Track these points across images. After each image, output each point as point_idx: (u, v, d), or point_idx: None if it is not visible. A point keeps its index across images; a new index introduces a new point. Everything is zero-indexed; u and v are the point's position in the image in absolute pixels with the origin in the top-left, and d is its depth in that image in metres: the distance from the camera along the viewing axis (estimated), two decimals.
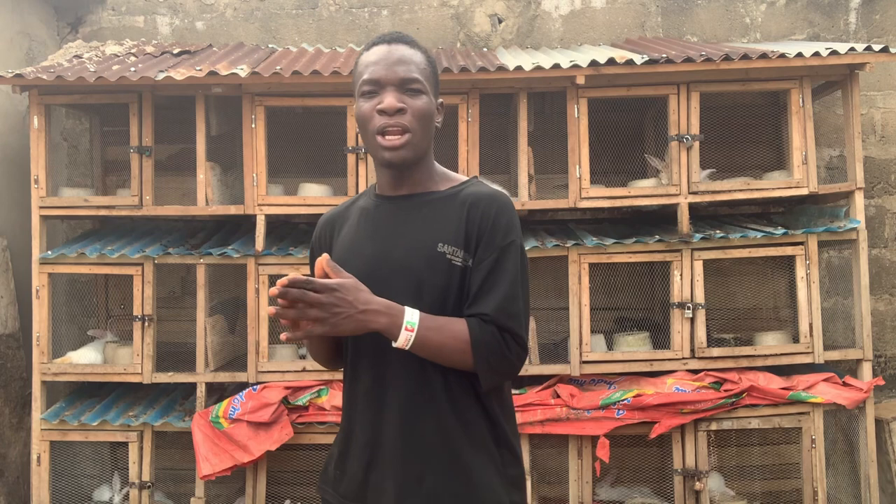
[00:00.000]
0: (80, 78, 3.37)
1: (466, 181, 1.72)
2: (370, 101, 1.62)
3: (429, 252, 1.60)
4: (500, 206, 1.63)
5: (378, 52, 1.64)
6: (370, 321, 1.51)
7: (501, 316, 1.57)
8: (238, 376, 3.51)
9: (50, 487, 3.48)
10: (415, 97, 1.62)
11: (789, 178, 3.54)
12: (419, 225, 1.64)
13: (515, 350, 1.59)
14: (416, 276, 1.60)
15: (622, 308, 3.95)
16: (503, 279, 1.59)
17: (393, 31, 1.69)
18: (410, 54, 1.64)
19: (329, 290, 1.48)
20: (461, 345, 1.55)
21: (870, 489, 3.48)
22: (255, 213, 3.51)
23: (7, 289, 3.79)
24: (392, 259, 1.62)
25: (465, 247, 1.61)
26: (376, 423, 1.62)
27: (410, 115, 1.60)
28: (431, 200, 1.67)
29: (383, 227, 1.67)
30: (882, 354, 4.16)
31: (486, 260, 1.59)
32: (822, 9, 4.29)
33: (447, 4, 4.36)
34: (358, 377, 1.66)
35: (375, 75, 1.61)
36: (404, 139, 1.60)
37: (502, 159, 3.94)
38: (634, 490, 3.73)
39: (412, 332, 1.53)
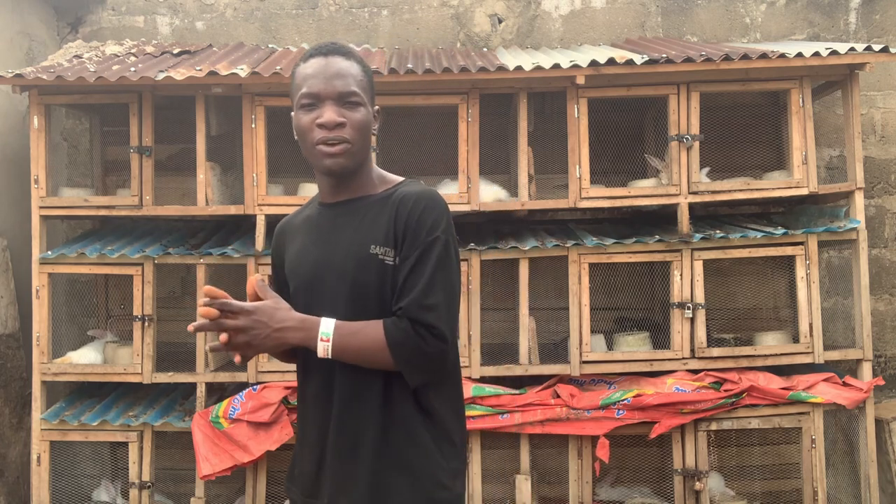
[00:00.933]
0: (80, 78, 3.37)
1: (400, 182, 1.76)
2: (309, 115, 1.66)
3: (362, 254, 1.66)
4: (427, 204, 1.66)
5: (315, 65, 1.67)
6: (286, 338, 1.60)
7: (415, 309, 1.59)
8: (238, 376, 3.51)
9: (50, 487, 3.48)
10: (353, 110, 1.66)
11: (789, 178, 3.54)
12: (355, 229, 1.70)
13: (433, 343, 1.59)
14: (353, 278, 1.65)
15: (622, 308, 3.95)
16: (422, 274, 1.61)
17: (328, 43, 1.72)
18: (347, 67, 1.68)
19: (245, 312, 1.59)
20: (379, 346, 1.60)
21: (870, 489, 3.48)
22: (255, 213, 3.51)
23: (7, 289, 3.79)
24: (331, 263, 1.69)
25: (394, 245, 1.65)
26: (323, 423, 1.68)
27: (350, 128, 1.66)
28: (366, 204, 1.72)
29: (324, 233, 1.73)
30: (882, 354, 4.16)
31: (410, 257, 1.63)
32: (822, 9, 4.29)
33: (447, 4, 4.36)
34: (308, 380, 1.73)
35: (314, 89, 1.65)
36: (344, 147, 1.66)
37: (502, 159, 3.94)
38: (634, 490, 3.73)
39: (328, 343, 1.59)
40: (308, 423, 1.74)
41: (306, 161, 1.74)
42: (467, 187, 3.47)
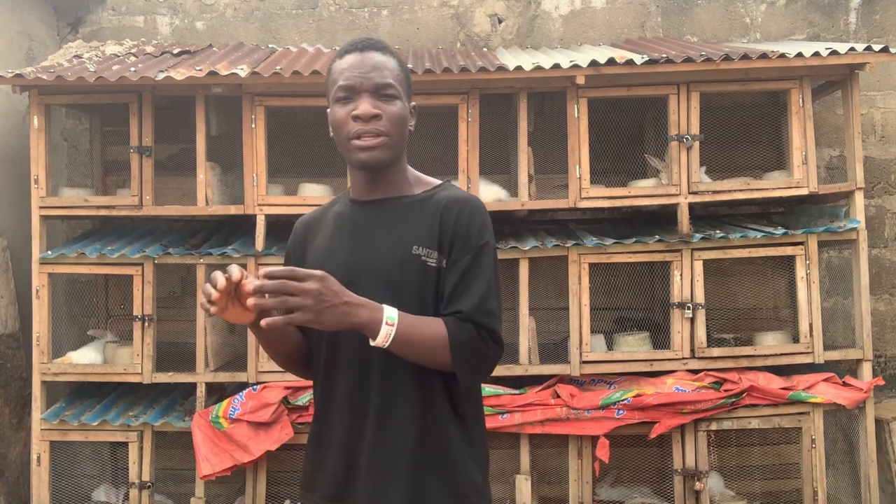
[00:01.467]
0: (80, 78, 3.37)
1: (439, 185, 1.75)
2: (345, 107, 1.64)
3: (403, 255, 1.62)
4: (473, 209, 1.66)
5: (351, 59, 1.65)
6: (352, 314, 1.49)
7: (478, 314, 1.59)
8: (238, 376, 3.51)
9: (50, 487, 3.48)
10: (389, 102, 1.64)
11: (789, 178, 3.54)
12: (393, 228, 1.66)
13: (493, 347, 1.61)
14: (391, 279, 1.62)
15: (622, 308, 3.95)
16: (478, 278, 1.61)
17: (364, 38, 1.71)
18: (384, 60, 1.66)
19: (314, 278, 1.46)
20: (440, 343, 1.57)
21: (870, 489, 3.48)
22: (255, 213, 3.51)
23: (7, 289, 3.79)
24: (367, 263, 1.64)
25: (438, 249, 1.63)
26: (355, 425, 1.63)
27: (386, 120, 1.63)
28: (405, 204, 1.69)
29: (358, 231, 1.69)
30: (882, 354, 4.16)
31: (461, 260, 1.62)
32: (822, 9, 4.29)
33: (447, 4, 4.36)
34: (335, 378, 1.67)
35: (350, 81, 1.63)
36: (378, 140, 1.63)
37: (502, 159, 3.94)
38: (634, 490, 3.73)
39: (392, 328, 1.52)
40: (335, 423, 1.67)
41: (306, 161, 1.73)
42: (467, 187, 3.47)
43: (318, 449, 1.71)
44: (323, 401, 1.71)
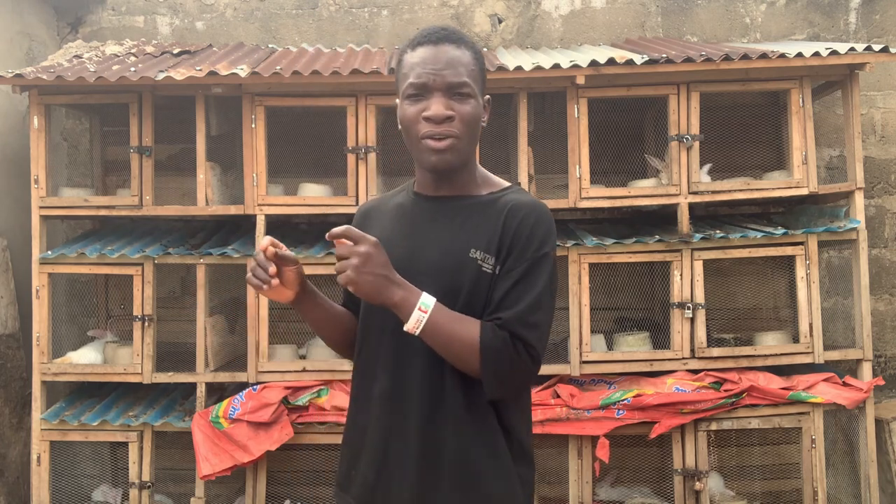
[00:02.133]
0: (80, 78, 3.37)
1: (507, 187, 1.68)
2: (416, 106, 1.57)
3: (460, 256, 1.56)
4: (539, 216, 1.59)
5: (424, 53, 1.58)
6: (388, 289, 1.47)
7: (517, 324, 1.52)
8: (238, 376, 3.51)
9: (50, 487, 3.48)
10: (463, 102, 1.57)
11: (789, 178, 3.54)
12: (454, 228, 1.60)
13: (526, 360, 1.53)
14: (444, 278, 1.56)
15: (622, 308, 3.95)
16: (529, 289, 1.54)
17: (438, 28, 1.62)
18: (459, 55, 1.58)
19: (367, 242, 1.46)
20: (471, 342, 1.50)
21: (870, 489, 3.48)
22: (255, 213, 3.51)
23: (7, 289, 3.79)
24: (422, 259, 1.59)
25: (496, 254, 1.56)
26: (393, 427, 1.58)
27: (459, 122, 1.56)
28: (470, 205, 1.63)
29: (418, 226, 1.64)
30: (882, 354, 4.16)
31: (516, 269, 1.55)
32: (822, 9, 4.29)
33: (447, 4, 4.36)
34: (374, 377, 1.62)
35: (422, 79, 1.56)
36: (450, 143, 1.57)
37: (502, 159, 3.94)
38: (634, 490, 3.73)
39: (425, 314, 1.48)
40: (368, 424, 1.61)
41: (306, 161, 1.71)
42: None
43: (352, 448, 1.66)
44: (360, 400, 1.66)
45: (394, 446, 1.58)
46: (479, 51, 1.64)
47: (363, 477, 1.61)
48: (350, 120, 3.50)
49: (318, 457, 3.73)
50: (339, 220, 1.92)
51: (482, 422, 1.56)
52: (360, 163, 3.49)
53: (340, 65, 3.46)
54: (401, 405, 1.58)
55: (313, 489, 3.72)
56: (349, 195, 3.49)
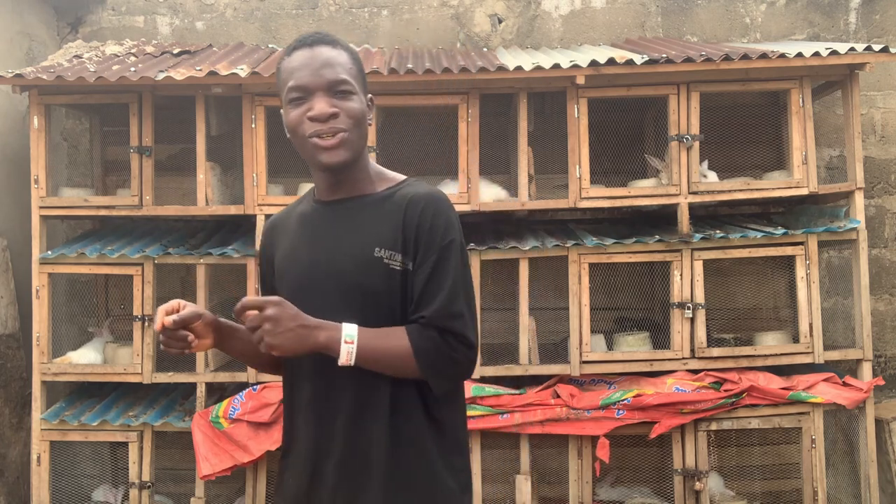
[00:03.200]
0: (80, 78, 3.37)
1: (402, 181, 1.69)
2: (299, 108, 1.58)
3: (366, 257, 1.57)
4: (437, 206, 1.59)
5: (301, 57, 1.59)
6: (309, 336, 1.48)
7: (441, 317, 1.53)
8: (238, 376, 3.51)
9: (50, 487, 3.48)
10: (345, 99, 1.58)
11: (789, 178, 3.54)
12: (356, 229, 1.61)
13: (461, 350, 1.55)
14: (353, 281, 1.56)
15: (622, 308, 3.95)
16: (443, 280, 1.55)
17: (313, 33, 1.63)
18: (335, 55, 1.59)
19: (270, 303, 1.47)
20: (404, 352, 1.52)
21: (870, 489, 3.48)
22: (255, 213, 3.51)
23: (7, 289, 3.79)
24: (329, 265, 1.59)
25: (402, 250, 1.57)
26: (319, 434, 1.59)
27: (344, 117, 1.57)
28: (367, 203, 1.63)
29: (320, 232, 1.64)
30: (882, 354, 4.16)
31: (426, 262, 1.56)
32: (822, 9, 4.29)
33: (447, 4, 4.36)
34: (300, 387, 1.64)
35: (302, 81, 1.57)
36: (339, 138, 1.57)
37: (502, 159, 3.94)
38: (634, 490, 3.73)
39: (352, 345, 1.49)
40: (299, 433, 1.63)
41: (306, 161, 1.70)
42: (467, 187, 3.47)
43: (285, 454, 1.69)
44: (289, 408, 1.69)
45: (322, 451, 1.58)
46: (354, 52, 1.66)
47: (296, 484, 1.62)
48: None
49: None
50: None
51: (409, 418, 1.57)
52: None
53: None
54: (327, 411, 1.59)
55: None
56: None
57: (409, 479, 1.56)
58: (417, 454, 1.57)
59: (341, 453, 1.57)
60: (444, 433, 1.60)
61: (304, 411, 1.62)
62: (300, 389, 1.64)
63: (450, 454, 1.61)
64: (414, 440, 1.57)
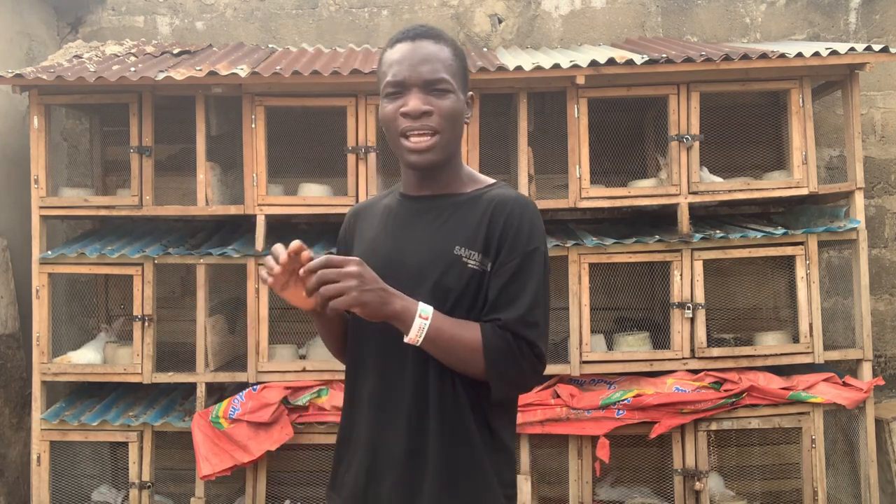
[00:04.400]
0: (80, 78, 3.37)
1: (492, 184, 1.68)
2: (394, 103, 1.57)
3: (444, 255, 1.55)
4: (525, 211, 1.58)
5: (402, 50, 1.57)
6: (389, 301, 1.45)
7: (518, 324, 1.51)
8: (238, 376, 3.51)
9: (50, 487, 3.48)
10: (441, 97, 1.56)
11: (789, 178, 3.54)
12: (438, 227, 1.59)
13: (530, 360, 1.53)
14: (428, 278, 1.55)
15: (622, 308, 3.95)
16: (525, 286, 1.53)
17: (416, 26, 1.62)
18: (436, 51, 1.57)
19: (352, 262, 1.44)
20: (473, 347, 1.50)
21: (870, 489, 3.48)
22: (255, 213, 3.51)
23: (7, 289, 3.79)
24: (406, 260, 1.58)
25: (483, 250, 1.55)
26: (380, 427, 1.58)
27: (437, 116, 1.55)
28: (455, 203, 1.62)
29: (403, 226, 1.63)
30: (882, 354, 4.16)
31: (508, 265, 1.54)
32: (822, 9, 4.29)
33: (447, 4, 4.36)
34: (363, 381, 1.62)
35: (399, 76, 1.55)
36: (432, 141, 1.55)
37: (502, 159, 3.94)
38: (634, 490, 3.73)
39: (426, 321, 1.47)
40: (358, 427, 1.62)
41: (306, 161, 1.70)
42: None
43: (342, 449, 1.67)
44: (349, 400, 1.67)
45: (382, 448, 1.57)
46: (458, 48, 1.64)
47: (353, 479, 1.61)
48: (350, 120, 3.50)
49: (318, 457, 3.73)
50: (339, 220, 1.91)
51: (465, 420, 1.55)
52: (360, 163, 3.49)
53: (340, 65, 3.46)
54: (388, 407, 1.57)
55: (313, 489, 3.71)
56: (349, 195, 3.49)
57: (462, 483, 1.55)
58: (471, 456, 1.55)
59: (401, 450, 1.55)
60: (496, 443, 1.59)
61: (365, 405, 1.61)
62: (362, 382, 1.62)
63: (500, 465, 1.59)
64: (469, 441, 1.55)
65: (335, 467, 1.69)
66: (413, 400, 1.55)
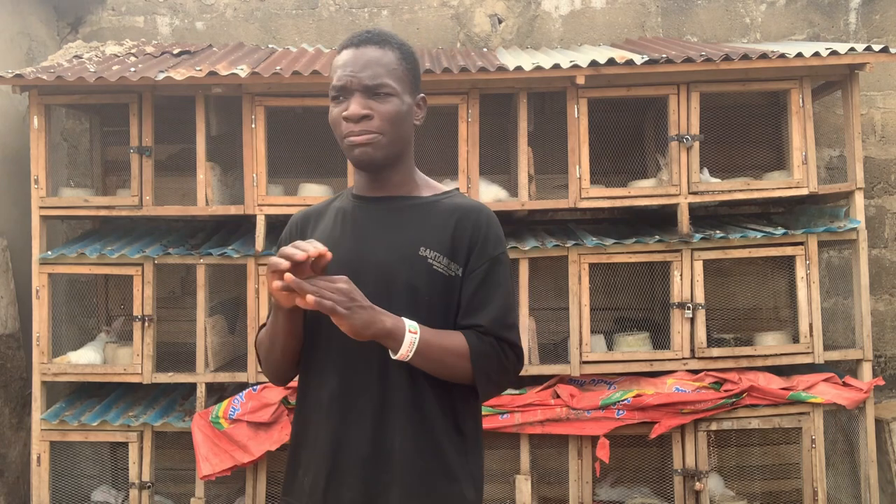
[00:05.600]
0: (80, 78, 3.37)
1: (450, 191, 1.71)
2: (338, 107, 1.60)
3: (409, 254, 1.58)
4: (490, 219, 1.64)
5: (346, 56, 1.61)
6: (378, 319, 1.46)
7: (498, 327, 1.58)
8: (238, 376, 3.51)
9: (50, 487, 3.48)
10: (382, 101, 1.58)
11: (789, 178, 3.54)
12: (399, 227, 1.62)
13: (513, 360, 1.61)
14: (393, 277, 1.57)
15: (622, 308, 3.95)
16: (496, 291, 1.60)
17: (365, 31, 1.65)
18: (378, 56, 1.60)
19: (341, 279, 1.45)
20: (459, 354, 1.54)
21: (870, 489, 3.48)
22: (255, 213, 3.51)
23: (7, 289, 3.79)
24: (369, 260, 1.59)
25: (450, 256, 1.59)
26: (342, 431, 1.57)
27: (378, 120, 1.58)
28: (413, 205, 1.65)
29: (361, 227, 1.64)
30: (882, 354, 4.16)
31: (478, 270, 1.59)
32: (822, 9, 4.29)
33: (447, 4, 4.36)
34: (323, 384, 1.61)
35: (341, 81, 1.59)
36: (369, 137, 1.58)
37: (502, 159, 3.94)
38: (634, 490, 3.73)
39: (416, 336, 1.49)
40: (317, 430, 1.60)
41: (306, 161, 1.71)
42: (467, 187, 3.47)
43: (298, 452, 1.65)
44: (304, 403, 1.66)
45: (344, 450, 1.57)
46: (407, 51, 1.65)
47: (313, 481, 1.60)
48: None
49: None
50: None
51: (431, 421, 1.57)
52: None
53: None
54: (350, 409, 1.57)
55: None
56: None
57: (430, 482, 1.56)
58: (439, 457, 1.57)
59: (365, 452, 1.56)
60: (463, 436, 1.61)
61: (325, 408, 1.60)
62: (321, 385, 1.61)
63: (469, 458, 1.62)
64: (434, 443, 1.57)
65: (290, 471, 1.67)
66: (377, 401, 1.56)
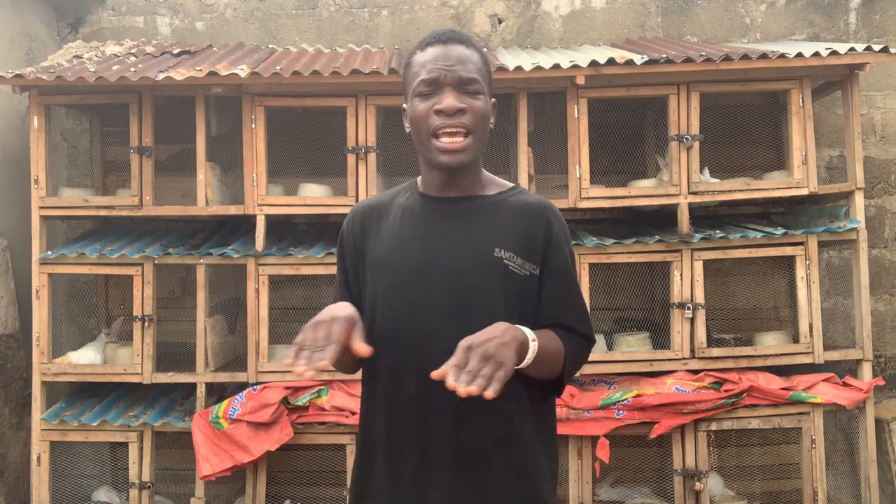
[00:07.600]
0: (80, 78, 3.36)
1: (513, 187, 1.71)
2: (427, 102, 1.57)
3: (484, 257, 1.56)
4: (559, 215, 1.67)
5: (434, 52, 1.59)
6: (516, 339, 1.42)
7: (583, 324, 1.63)
8: (238, 376, 3.50)
9: (50, 487, 3.48)
10: (474, 97, 1.57)
11: (789, 178, 3.54)
12: (472, 229, 1.59)
13: (587, 356, 1.69)
14: (468, 281, 1.55)
15: (622, 308, 3.95)
16: (574, 289, 1.65)
17: (448, 30, 1.65)
18: (468, 54, 1.60)
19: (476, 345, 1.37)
20: (560, 355, 1.58)
21: (870, 489, 3.48)
22: (255, 213, 3.51)
23: (7, 289, 3.79)
24: (442, 263, 1.56)
25: (525, 255, 1.57)
26: (424, 432, 1.55)
27: (471, 115, 1.56)
28: (482, 205, 1.63)
29: (432, 229, 1.61)
30: (882, 354, 4.16)
31: (556, 268, 1.61)
32: (822, 9, 4.29)
33: (447, 4, 4.36)
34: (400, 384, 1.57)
35: (433, 74, 1.56)
36: (465, 142, 1.57)
37: (502, 159, 3.94)
38: (634, 490, 3.73)
39: (536, 343, 1.48)
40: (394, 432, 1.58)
41: (306, 161, 1.70)
42: None
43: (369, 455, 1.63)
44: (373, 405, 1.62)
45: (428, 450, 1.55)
46: (485, 54, 1.67)
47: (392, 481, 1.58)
48: (350, 120, 3.50)
49: (318, 457, 3.73)
50: (339, 219, 1.91)
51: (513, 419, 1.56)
52: (360, 163, 3.49)
53: (340, 65, 3.46)
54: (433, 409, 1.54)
55: (313, 489, 3.71)
56: (349, 195, 3.49)
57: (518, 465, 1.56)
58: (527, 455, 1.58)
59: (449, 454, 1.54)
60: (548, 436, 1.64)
61: (404, 409, 1.57)
62: (398, 387, 1.58)
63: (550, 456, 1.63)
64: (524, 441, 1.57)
65: (363, 474, 1.64)
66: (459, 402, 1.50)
